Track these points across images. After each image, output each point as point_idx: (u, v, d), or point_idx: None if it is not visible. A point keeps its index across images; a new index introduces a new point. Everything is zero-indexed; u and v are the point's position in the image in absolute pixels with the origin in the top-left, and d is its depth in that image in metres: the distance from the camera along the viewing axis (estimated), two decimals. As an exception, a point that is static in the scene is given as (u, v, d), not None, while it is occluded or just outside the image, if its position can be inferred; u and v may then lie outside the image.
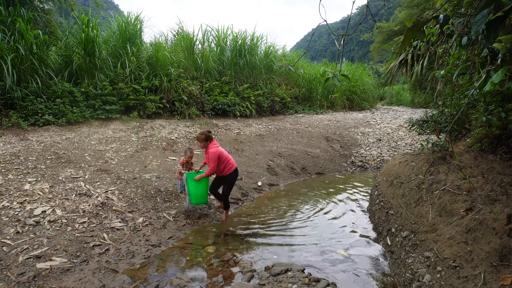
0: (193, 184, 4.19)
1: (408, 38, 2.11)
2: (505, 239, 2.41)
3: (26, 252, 3.07)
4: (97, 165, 5.41)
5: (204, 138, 4.13)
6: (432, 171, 3.74)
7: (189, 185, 4.19)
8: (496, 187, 2.92)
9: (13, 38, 6.63)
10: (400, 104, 25.67)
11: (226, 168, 4.24)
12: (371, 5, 2.39)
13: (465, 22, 2.44)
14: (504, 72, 1.83)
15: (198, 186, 4.20)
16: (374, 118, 13.40)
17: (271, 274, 3.03)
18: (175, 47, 10.70)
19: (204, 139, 4.13)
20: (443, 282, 2.50)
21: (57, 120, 6.87)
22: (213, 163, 4.07)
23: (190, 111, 9.18)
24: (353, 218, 4.59)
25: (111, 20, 9.16)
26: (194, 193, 4.23)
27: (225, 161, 4.22)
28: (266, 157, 7.14)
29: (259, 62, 11.67)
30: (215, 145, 4.18)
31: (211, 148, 4.13)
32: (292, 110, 12.99)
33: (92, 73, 7.80)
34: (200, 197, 4.29)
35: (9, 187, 4.17)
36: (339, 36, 2.42)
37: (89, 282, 2.80)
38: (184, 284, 2.86)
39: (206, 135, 4.13)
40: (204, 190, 4.30)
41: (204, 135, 4.13)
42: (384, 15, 69.40)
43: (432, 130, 5.09)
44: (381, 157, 8.15)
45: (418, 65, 5.83)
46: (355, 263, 3.33)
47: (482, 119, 3.37)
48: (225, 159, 4.22)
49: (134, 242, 3.54)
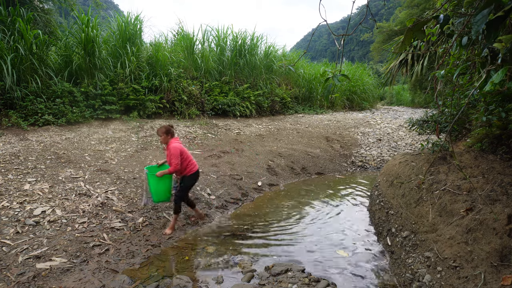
0: (154, 180, 3.89)
1: (408, 38, 2.11)
2: (505, 239, 2.41)
3: (26, 252, 3.07)
4: (97, 165, 5.40)
5: (164, 131, 3.85)
6: (432, 171, 3.73)
7: (150, 181, 3.90)
8: (497, 187, 2.92)
9: (13, 38, 6.62)
10: (400, 104, 25.68)
11: (189, 167, 3.95)
12: (371, 5, 2.38)
13: (465, 22, 2.43)
14: (504, 72, 1.82)
15: (159, 182, 3.90)
16: (374, 118, 13.40)
17: (271, 274, 3.03)
18: (175, 47, 10.70)
19: (164, 132, 3.85)
20: (443, 282, 2.49)
21: (57, 120, 6.86)
22: (176, 158, 3.75)
23: (190, 111, 9.17)
24: (353, 218, 4.59)
25: (111, 20, 9.15)
26: (155, 190, 3.94)
27: (187, 159, 3.94)
28: (266, 157, 7.14)
29: (259, 62, 11.67)
30: (177, 141, 3.91)
31: (172, 143, 3.83)
32: (292, 110, 12.99)
33: (92, 73, 7.79)
34: (163, 194, 3.99)
35: (9, 187, 4.17)
36: (339, 36, 2.41)
37: (89, 282, 2.80)
38: (184, 284, 2.86)
39: (167, 128, 3.87)
40: (166, 187, 3.99)
41: (165, 128, 3.86)
42: (384, 15, 69.38)
43: (432, 130, 5.09)
44: (381, 157, 8.14)
45: (418, 65, 5.83)
46: (355, 263, 3.33)
47: (482, 119, 3.36)
48: (187, 157, 3.95)
49: (134, 242, 3.54)
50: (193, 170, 3.99)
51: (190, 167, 3.96)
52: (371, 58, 39.50)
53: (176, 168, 3.78)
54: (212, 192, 5.14)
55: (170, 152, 3.76)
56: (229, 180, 5.67)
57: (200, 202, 4.76)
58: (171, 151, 3.76)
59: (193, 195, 4.89)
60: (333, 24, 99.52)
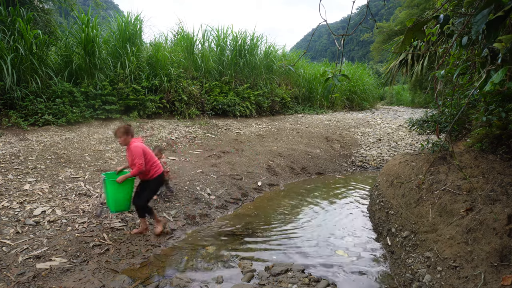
0: (113, 187, 3.46)
1: (408, 38, 2.11)
2: (505, 239, 2.41)
3: (26, 252, 3.07)
4: (97, 165, 5.40)
5: (124, 132, 3.49)
6: (432, 171, 3.73)
7: (108, 188, 3.48)
8: (497, 187, 2.92)
9: (13, 38, 6.63)
10: (400, 104, 25.68)
11: (153, 170, 3.59)
12: (371, 5, 2.38)
13: (465, 22, 2.43)
14: (504, 72, 1.82)
15: (119, 189, 3.49)
16: (374, 118, 13.40)
17: (271, 274, 3.03)
18: (175, 47, 10.70)
19: (124, 132, 3.49)
20: (443, 282, 2.49)
21: (57, 120, 6.86)
22: (140, 158, 3.40)
23: (190, 111, 9.17)
24: (353, 218, 4.59)
25: (111, 20, 9.16)
26: (113, 198, 3.51)
27: (151, 160, 3.59)
28: (266, 157, 7.14)
29: (259, 62, 11.68)
30: (138, 141, 3.56)
31: (133, 143, 3.50)
32: (292, 110, 12.99)
33: (92, 73, 7.80)
34: (122, 202, 3.57)
35: (9, 187, 4.17)
36: (339, 36, 2.41)
37: (89, 282, 2.80)
38: (184, 284, 2.86)
39: (126, 128, 3.52)
40: (126, 194, 3.59)
41: (124, 128, 3.51)
42: (384, 15, 69.37)
43: (432, 130, 5.09)
44: (381, 157, 8.14)
45: (418, 65, 5.83)
46: (355, 263, 3.33)
47: (482, 119, 3.36)
48: (151, 158, 3.60)
49: (134, 242, 3.54)
50: (158, 172, 3.64)
51: (155, 169, 3.61)
52: (371, 58, 39.50)
53: (140, 168, 3.42)
54: (212, 192, 5.14)
55: (132, 153, 3.44)
56: (229, 180, 5.67)
57: (200, 202, 4.76)
58: (132, 151, 3.44)
59: (192, 195, 4.90)
60: (333, 24, 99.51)
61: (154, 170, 3.60)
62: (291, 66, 4.73)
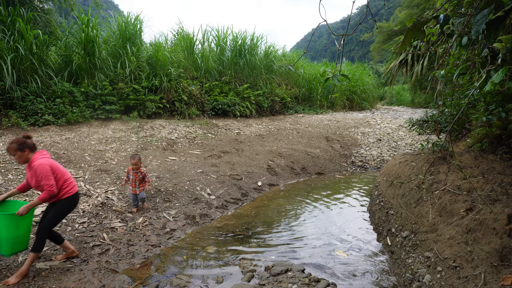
0: (12, 223, 2.61)
1: (408, 38, 2.11)
2: (505, 239, 2.41)
3: (25, 252, 3.07)
4: (97, 165, 5.40)
5: (17, 147, 2.66)
6: (432, 171, 3.73)
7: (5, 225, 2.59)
8: (496, 187, 2.92)
9: (13, 38, 6.62)
10: (400, 104, 25.69)
11: (66, 188, 2.86)
12: (371, 5, 2.38)
13: (465, 22, 2.43)
14: (504, 72, 1.82)
15: (20, 224, 2.67)
16: (374, 118, 13.40)
17: (271, 274, 3.03)
18: (175, 47, 10.70)
19: (17, 149, 2.66)
20: (443, 282, 2.49)
21: (57, 120, 6.86)
22: (48, 179, 2.66)
23: (190, 111, 9.17)
24: (353, 218, 4.59)
25: (111, 20, 9.16)
26: (13, 236, 2.64)
27: (62, 177, 2.84)
28: (266, 157, 7.14)
29: (259, 62, 11.68)
30: (42, 155, 2.79)
31: (36, 160, 2.72)
32: (292, 110, 12.99)
33: (92, 73, 7.80)
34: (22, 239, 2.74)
35: (9, 187, 4.17)
36: (339, 36, 2.41)
37: (89, 282, 2.80)
38: (184, 284, 2.86)
39: (20, 143, 2.68)
40: (27, 228, 2.79)
41: (17, 143, 2.66)
42: (384, 15, 69.41)
43: (432, 130, 5.09)
44: (381, 157, 8.14)
45: (418, 65, 5.83)
46: (355, 263, 3.33)
47: (482, 119, 3.36)
48: (63, 175, 2.85)
49: (134, 242, 3.54)
50: (72, 192, 2.90)
51: (68, 187, 2.88)
52: (371, 58, 39.52)
53: (51, 191, 2.68)
54: (212, 192, 5.14)
55: (37, 173, 2.67)
56: (229, 180, 5.67)
57: (200, 202, 4.76)
58: (37, 170, 2.66)
59: (192, 195, 4.90)
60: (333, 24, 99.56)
61: (67, 189, 2.86)
62: (291, 66, 4.74)
